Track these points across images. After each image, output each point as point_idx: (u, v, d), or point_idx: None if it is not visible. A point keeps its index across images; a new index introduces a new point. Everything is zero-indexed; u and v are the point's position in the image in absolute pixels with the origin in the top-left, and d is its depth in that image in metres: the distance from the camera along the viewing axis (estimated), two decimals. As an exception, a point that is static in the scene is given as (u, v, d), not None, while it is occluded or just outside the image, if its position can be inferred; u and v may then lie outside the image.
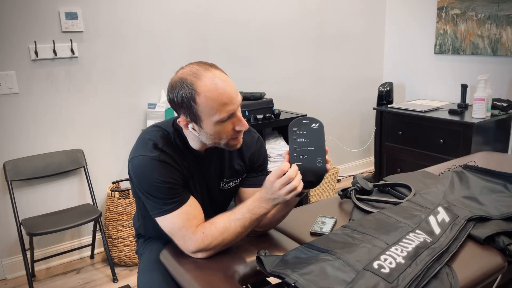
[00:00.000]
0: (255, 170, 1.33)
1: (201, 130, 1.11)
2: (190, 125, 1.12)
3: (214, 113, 1.07)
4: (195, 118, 1.09)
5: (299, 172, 1.05)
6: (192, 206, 1.15)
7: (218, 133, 1.11)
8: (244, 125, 1.12)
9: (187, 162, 1.20)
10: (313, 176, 1.07)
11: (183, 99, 1.07)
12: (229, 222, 1.10)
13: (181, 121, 1.13)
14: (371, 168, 3.72)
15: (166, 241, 1.21)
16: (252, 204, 1.10)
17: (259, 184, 1.31)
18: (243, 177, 1.33)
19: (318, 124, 1.09)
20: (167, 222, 1.13)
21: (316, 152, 1.07)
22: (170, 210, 1.12)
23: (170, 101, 1.12)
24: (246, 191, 1.32)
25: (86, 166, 2.43)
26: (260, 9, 2.92)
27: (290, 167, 1.05)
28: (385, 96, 3.29)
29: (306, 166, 1.06)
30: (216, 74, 1.09)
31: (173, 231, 1.13)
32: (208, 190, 1.28)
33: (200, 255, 1.12)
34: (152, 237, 1.38)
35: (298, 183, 1.04)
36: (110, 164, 2.53)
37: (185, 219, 1.12)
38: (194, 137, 1.17)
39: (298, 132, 1.08)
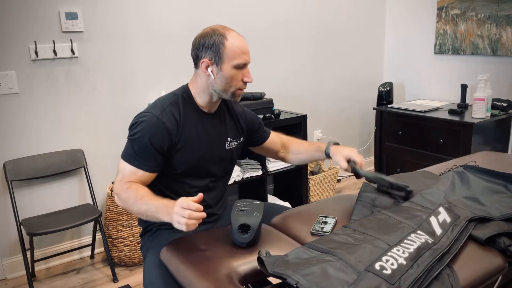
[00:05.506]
0: (257, 130, 1.59)
1: (219, 72, 1.32)
2: (210, 68, 1.32)
3: (235, 58, 1.31)
4: (218, 59, 1.31)
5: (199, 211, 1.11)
6: (143, 177, 1.32)
7: (231, 78, 1.33)
8: (251, 78, 1.36)
9: (195, 119, 1.37)
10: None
11: (214, 42, 1.31)
12: (141, 202, 1.23)
13: (204, 62, 1.32)
14: (371, 168, 3.72)
15: (171, 234, 1.31)
16: (161, 206, 1.19)
17: (267, 136, 1.63)
18: (241, 141, 1.53)
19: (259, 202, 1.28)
20: (123, 165, 1.33)
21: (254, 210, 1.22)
22: (132, 164, 1.31)
23: (199, 46, 1.33)
24: (264, 145, 1.63)
25: (86, 166, 2.43)
26: (259, 9, 2.92)
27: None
28: (385, 96, 3.29)
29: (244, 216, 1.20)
30: (237, 33, 1.35)
31: (120, 173, 1.33)
32: (218, 148, 1.45)
33: (116, 198, 1.31)
34: (159, 228, 1.42)
35: (190, 221, 1.10)
36: (110, 164, 2.53)
37: (131, 176, 1.31)
38: (205, 87, 1.36)
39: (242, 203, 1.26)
